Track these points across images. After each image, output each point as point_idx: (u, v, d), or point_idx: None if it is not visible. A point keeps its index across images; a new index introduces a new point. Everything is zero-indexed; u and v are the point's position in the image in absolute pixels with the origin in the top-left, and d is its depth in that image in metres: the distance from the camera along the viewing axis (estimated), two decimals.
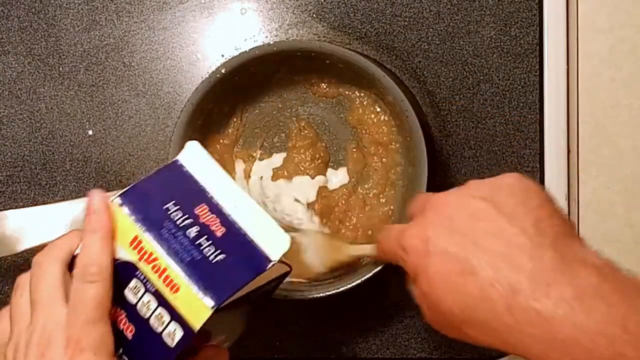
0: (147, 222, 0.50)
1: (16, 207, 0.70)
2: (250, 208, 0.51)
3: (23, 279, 0.50)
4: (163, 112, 0.71)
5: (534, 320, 0.40)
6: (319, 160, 0.68)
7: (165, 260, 0.48)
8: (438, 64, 0.69)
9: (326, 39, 0.69)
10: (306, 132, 0.68)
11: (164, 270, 0.48)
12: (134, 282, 0.48)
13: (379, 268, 0.61)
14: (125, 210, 0.50)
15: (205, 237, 0.49)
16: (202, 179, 0.52)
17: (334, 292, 0.62)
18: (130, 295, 0.48)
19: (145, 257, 0.48)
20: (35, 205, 0.70)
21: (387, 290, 0.69)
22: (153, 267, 0.48)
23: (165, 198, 0.51)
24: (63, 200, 0.70)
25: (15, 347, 0.47)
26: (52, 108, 0.71)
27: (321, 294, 0.63)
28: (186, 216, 0.50)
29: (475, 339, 0.45)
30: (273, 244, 0.49)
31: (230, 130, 0.69)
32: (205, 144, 0.68)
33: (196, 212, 0.50)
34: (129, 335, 0.48)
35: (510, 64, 0.69)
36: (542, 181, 0.68)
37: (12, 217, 0.64)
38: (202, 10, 0.71)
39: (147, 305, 0.48)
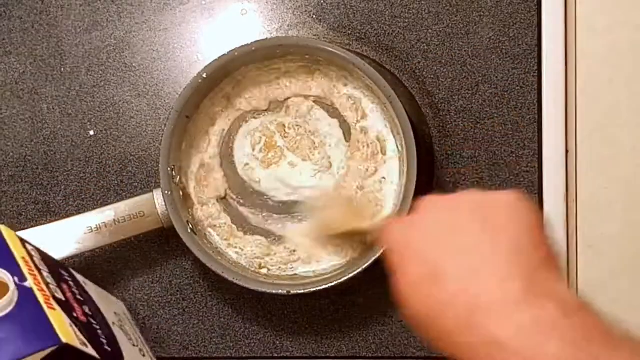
0: None
1: (18, 207, 0.71)
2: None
3: None
4: (164, 112, 0.71)
5: (491, 343, 0.40)
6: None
7: None
8: (437, 65, 0.69)
9: (326, 40, 0.69)
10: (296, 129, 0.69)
11: None
12: None
13: (372, 260, 0.62)
14: None
15: None
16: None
17: (319, 288, 0.63)
18: None
19: None
20: (36, 204, 0.71)
21: (387, 289, 0.69)
22: None
23: None
24: (64, 200, 0.71)
25: None
26: (53, 108, 0.71)
27: (305, 290, 0.63)
28: None
29: (437, 346, 0.44)
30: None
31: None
32: (191, 152, 0.68)
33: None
34: None
35: (509, 64, 0.69)
36: (540, 181, 0.68)
37: None
38: (202, 12, 0.71)
39: None
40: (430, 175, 0.68)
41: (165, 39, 0.71)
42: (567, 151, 0.68)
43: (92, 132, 0.71)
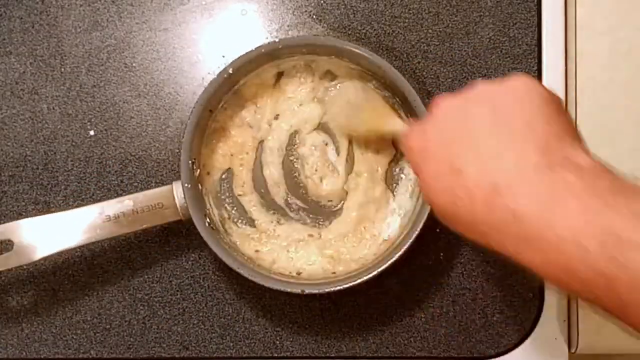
0: None
1: (18, 207, 0.71)
2: None
3: None
4: (164, 112, 0.71)
5: (510, 219, 0.42)
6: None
7: None
8: (437, 65, 0.69)
9: None
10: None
11: None
12: None
13: (379, 270, 0.62)
14: None
15: None
16: None
17: (334, 289, 0.63)
18: None
19: None
20: (36, 204, 0.71)
21: (387, 289, 0.69)
22: None
23: None
24: (64, 200, 0.71)
25: None
26: (53, 108, 0.71)
27: (319, 290, 0.63)
28: None
29: (464, 235, 0.47)
30: None
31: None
32: (214, 145, 0.69)
33: None
34: None
35: (508, 64, 0.69)
36: None
37: (27, 226, 0.64)
38: (202, 12, 0.71)
39: None
40: None
41: (165, 39, 0.71)
42: None
43: (92, 132, 0.71)
